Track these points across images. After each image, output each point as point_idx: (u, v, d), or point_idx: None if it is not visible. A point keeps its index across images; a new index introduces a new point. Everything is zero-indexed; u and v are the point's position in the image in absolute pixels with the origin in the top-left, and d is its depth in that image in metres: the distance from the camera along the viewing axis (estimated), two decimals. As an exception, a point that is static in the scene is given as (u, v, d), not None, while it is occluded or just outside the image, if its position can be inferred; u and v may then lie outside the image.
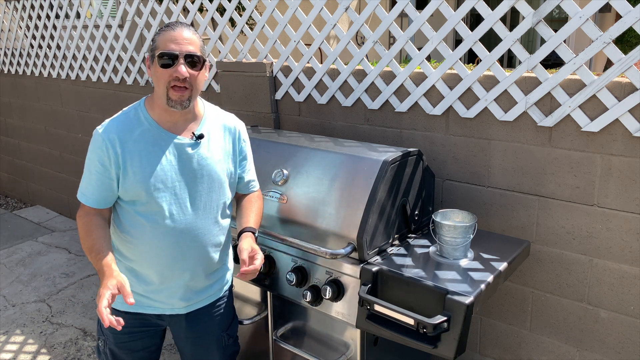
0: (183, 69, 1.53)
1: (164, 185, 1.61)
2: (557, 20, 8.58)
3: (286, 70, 2.81)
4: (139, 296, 1.73)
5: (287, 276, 1.97)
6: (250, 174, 1.87)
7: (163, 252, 1.66)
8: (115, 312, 1.75)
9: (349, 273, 1.87)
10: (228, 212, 1.80)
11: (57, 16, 4.21)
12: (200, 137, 1.65)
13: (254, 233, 1.72)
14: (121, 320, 1.42)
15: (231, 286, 1.93)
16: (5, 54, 4.99)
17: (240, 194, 1.88)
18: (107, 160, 1.58)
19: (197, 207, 1.68)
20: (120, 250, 1.72)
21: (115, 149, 1.57)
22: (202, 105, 1.73)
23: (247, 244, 1.65)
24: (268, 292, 2.18)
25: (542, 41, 2.00)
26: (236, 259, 2.02)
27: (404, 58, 7.90)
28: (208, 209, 1.70)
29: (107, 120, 1.63)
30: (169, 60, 1.53)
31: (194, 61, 1.56)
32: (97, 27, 3.91)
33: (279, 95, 2.87)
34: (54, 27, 4.28)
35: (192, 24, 1.62)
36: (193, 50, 1.56)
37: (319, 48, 2.66)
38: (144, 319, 1.77)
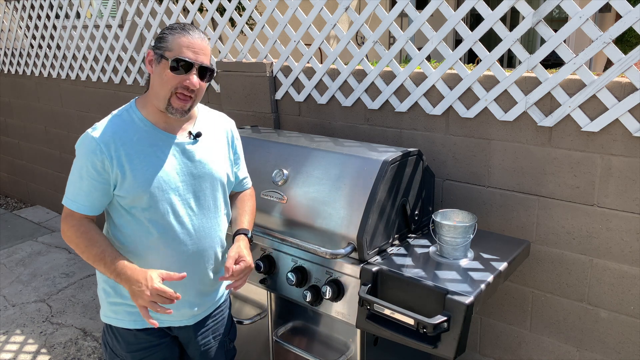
0: (195, 80, 1.50)
1: (167, 186, 1.56)
2: (557, 20, 8.58)
3: (286, 70, 2.81)
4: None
5: (287, 276, 1.97)
6: (243, 171, 1.87)
7: (173, 259, 1.61)
8: (126, 331, 1.67)
9: (349, 273, 1.87)
10: (229, 210, 1.79)
11: (57, 16, 4.21)
12: (198, 135, 1.63)
13: (246, 235, 1.71)
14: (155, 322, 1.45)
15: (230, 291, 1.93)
16: (5, 54, 4.99)
17: (234, 192, 1.87)
18: (101, 165, 1.49)
19: (203, 207, 1.65)
20: None
21: (110, 152, 1.49)
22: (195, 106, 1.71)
23: (236, 250, 1.63)
24: (268, 292, 2.18)
25: (542, 41, 2.00)
26: None
27: (404, 58, 7.90)
28: (213, 209, 1.68)
29: (98, 124, 1.55)
30: (182, 67, 1.49)
31: (206, 73, 1.54)
32: (97, 27, 3.91)
33: (279, 95, 2.87)
34: (54, 27, 4.28)
35: (192, 24, 1.60)
36: (207, 63, 1.53)
37: (319, 48, 2.66)
38: (158, 331, 1.71)
